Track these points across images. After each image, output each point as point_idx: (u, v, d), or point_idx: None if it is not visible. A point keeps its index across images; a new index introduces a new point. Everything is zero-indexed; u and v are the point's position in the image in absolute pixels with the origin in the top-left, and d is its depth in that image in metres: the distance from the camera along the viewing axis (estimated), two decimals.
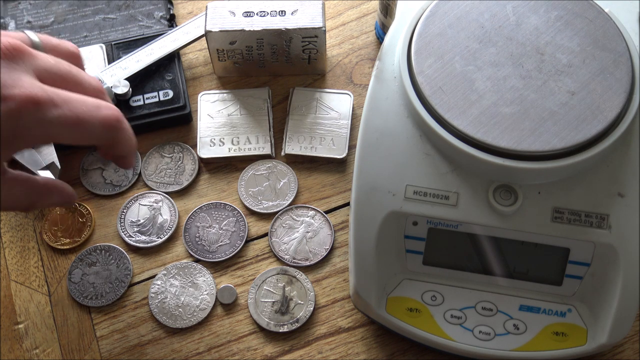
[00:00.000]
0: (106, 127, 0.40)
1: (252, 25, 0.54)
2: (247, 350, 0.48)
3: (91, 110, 0.39)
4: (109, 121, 0.40)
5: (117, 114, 0.40)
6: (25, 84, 0.36)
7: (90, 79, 0.41)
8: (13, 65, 0.37)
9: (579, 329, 0.44)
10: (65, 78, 0.40)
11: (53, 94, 0.37)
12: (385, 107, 0.44)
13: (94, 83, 0.41)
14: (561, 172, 0.41)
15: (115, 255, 0.51)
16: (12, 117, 0.36)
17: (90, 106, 0.39)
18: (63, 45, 0.44)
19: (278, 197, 0.53)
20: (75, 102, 0.38)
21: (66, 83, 0.40)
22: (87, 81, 0.41)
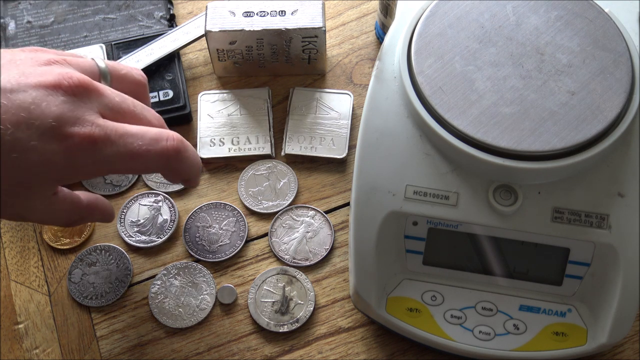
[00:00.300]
0: (164, 159, 0.41)
1: (252, 25, 0.54)
2: (247, 350, 0.48)
3: (148, 144, 0.40)
4: (167, 153, 0.40)
5: (176, 145, 0.41)
6: (85, 122, 0.37)
7: (152, 116, 0.42)
8: (78, 103, 0.38)
9: (579, 329, 0.44)
10: (127, 115, 0.41)
11: (111, 130, 0.38)
12: (385, 107, 0.44)
13: (153, 122, 0.42)
14: (561, 172, 0.41)
15: (115, 255, 0.51)
16: (70, 155, 0.37)
17: (148, 139, 0.40)
18: (130, 75, 0.45)
19: (278, 197, 0.53)
20: (132, 137, 0.39)
21: (128, 119, 0.40)
22: (149, 118, 0.42)
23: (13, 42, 0.59)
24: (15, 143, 0.36)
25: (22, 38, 0.59)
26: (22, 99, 0.36)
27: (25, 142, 0.36)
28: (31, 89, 0.37)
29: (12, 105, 0.36)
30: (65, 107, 0.37)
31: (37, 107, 0.36)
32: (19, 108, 0.36)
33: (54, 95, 0.37)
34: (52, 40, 0.59)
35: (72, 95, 0.38)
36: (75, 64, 0.41)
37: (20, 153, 0.36)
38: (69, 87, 0.38)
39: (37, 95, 0.37)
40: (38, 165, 0.37)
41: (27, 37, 0.59)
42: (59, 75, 0.38)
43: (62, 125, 0.37)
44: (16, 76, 0.37)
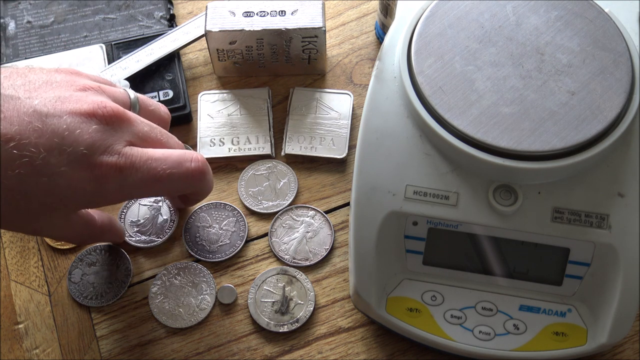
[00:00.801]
0: (188, 181, 0.42)
1: (252, 25, 0.54)
2: (247, 350, 0.48)
3: (172, 168, 0.41)
4: (191, 175, 0.42)
5: (200, 167, 0.42)
6: (113, 151, 0.39)
7: (177, 144, 0.44)
8: (110, 132, 0.39)
9: (579, 329, 0.44)
10: (155, 143, 0.42)
11: (136, 157, 0.40)
12: (385, 107, 0.44)
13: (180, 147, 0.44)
14: (561, 172, 0.41)
15: (115, 255, 0.51)
16: (97, 182, 0.39)
17: (172, 163, 0.41)
18: (157, 111, 0.47)
19: (278, 197, 0.53)
20: (156, 162, 0.40)
21: (154, 146, 0.42)
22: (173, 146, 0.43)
23: (13, 42, 0.59)
24: (45, 167, 0.37)
25: (22, 38, 0.59)
26: (57, 125, 0.37)
27: (56, 167, 0.37)
28: (66, 115, 0.38)
29: (46, 130, 0.37)
30: (97, 136, 0.38)
31: (70, 134, 0.37)
32: (52, 133, 0.37)
33: (88, 123, 0.38)
34: (52, 40, 0.59)
35: (104, 124, 0.39)
36: (110, 92, 0.42)
37: (50, 177, 0.37)
38: (103, 116, 0.39)
39: (72, 122, 0.38)
40: (65, 190, 0.38)
41: (27, 37, 0.59)
42: (93, 103, 0.39)
43: (92, 154, 0.38)
44: (53, 100, 0.38)
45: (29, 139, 0.36)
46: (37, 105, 0.38)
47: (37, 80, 0.40)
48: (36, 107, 0.37)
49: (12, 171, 0.36)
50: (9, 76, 0.39)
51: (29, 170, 0.36)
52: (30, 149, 0.36)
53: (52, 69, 0.41)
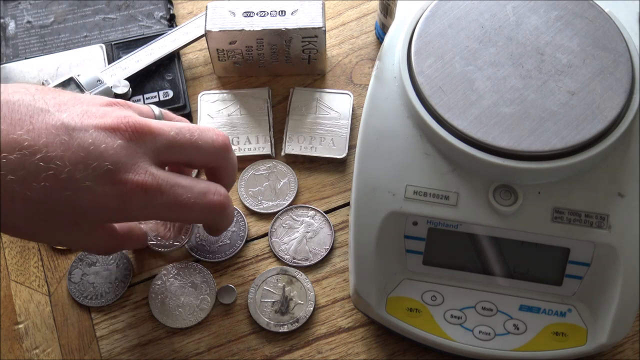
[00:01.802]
0: (209, 213, 0.42)
1: (252, 25, 0.54)
2: (247, 350, 0.48)
3: (197, 196, 0.41)
4: (212, 207, 0.42)
5: (222, 201, 0.43)
6: (140, 170, 0.39)
7: (210, 143, 0.43)
8: (135, 148, 0.39)
9: (579, 329, 0.44)
10: (185, 147, 0.42)
11: (162, 180, 0.40)
12: (385, 107, 0.44)
13: (215, 145, 0.43)
14: (561, 172, 0.41)
15: (115, 255, 0.51)
16: (122, 199, 0.39)
17: (197, 192, 0.41)
18: None
19: (278, 197, 0.53)
20: (182, 189, 0.41)
21: (186, 152, 0.42)
22: (206, 145, 0.43)
23: (13, 42, 0.59)
24: (70, 181, 0.37)
25: (22, 38, 0.59)
26: (83, 139, 0.37)
27: (80, 182, 0.37)
28: (92, 129, 0.38)
29: (72, 143, 0.37)
30: (122, 152, 0.38)
31: (96, 148, 0.38)
32: (78, 147, 0.37)
33: (112, 138, 0.38)
34: (52, 40, 0.59)
35: (128, 140, 0.39)
36: (135, 107, 0.42)
37: (74, 192, 0.37)
38: (127, 130, 0.39)
39: (97, 136, 0.38)
40: (89, 205, 0.38)
41: (27, 37, 0.59)
42: (117, 118, 0.39)
43: (117, 171, 0.38)
44: (80, 114, 0.39)
45: (55, 152, 0.37)
46: (64, 118, 0.38)
47: (66, 96, 0.40)
48: (64, 120, 0.38)
49: (37, 183, 0.36)
50: (41, 90, 0.40)
51: (53, 183, 0.37)
52: (56, 162, 0.37)
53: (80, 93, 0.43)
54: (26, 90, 0.39)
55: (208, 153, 0.43)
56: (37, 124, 0.37)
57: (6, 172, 0.36)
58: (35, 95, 0.39)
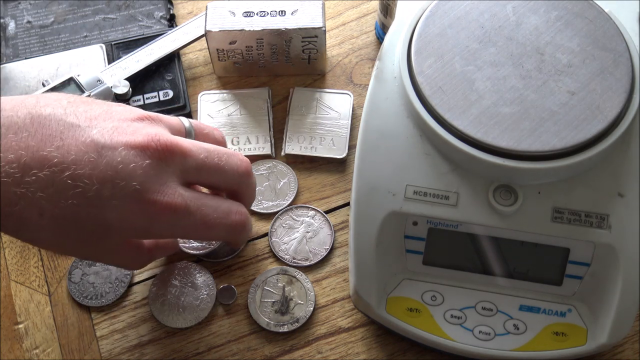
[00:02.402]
0: (230, 232, 0.43)
1: (252, 25, 0.54)
2: (247, 350, 0.48)
3: (220, 217, 0.42)
4: (234, 228, 0.43)
5: (243, 220, 0.43)
6: (168, 191, 0.39)
7: (235, 169, 0.43)
8: (164, 168, 0.39)
9: (579, 329, 0.44)
10: (212, 171, 0.42)
11: (191, 201, 0.40)
12: (385, 107, 0.44)
13: (239, 171, 0.44)
14: (561, 172, 0.41)
15: None
16: (149, 219, 0.39)
17: (221, 212, 0.42)
18: (212, 134, 0.47)
19: (278, 197, 0.53)
20: (208, 209, 0.41)
21: (211, 175, 0.42)
22: (231, 171, 0.43)
23: (13, 42, 0.59)
24: (97, 199, 0.37)
25: (22, 38, 0.59)
26: (112, 157, 0.37)
27: (107, 200, 0.37)
28: (122, 147, 0.38)
29: (101, 161, 0.37)
30: (150, 171, 0.38)
31: (124, 167, 0.37)
32: (107, 165, 0.37)
33: (141, 157, 0.38)
34: (52, 40, 0.59)
35: (158, 159, 0.39)
36: (166, 121, 0.42)
37: (101, 210, 0.37)
38: (157, 150, 0.39)
39: (126, 155, 0.38)
40: (115, 223, 0.38)
41: (27, 37, 0.59)
42: (148, 136, 0.39)
43: (145, 191, 0.38)
44: (110, 130, 0.38)
45: (83, 170, 0.37)
46: (94, 135, 0.38)
47: (98, 109, 0.40)
48: (94, 137, 0.38)
49: (65, 201, 0.37)
50: (73, 102, 0.40)
51: (81, 200, 0.37)
52: (84, 180, 0.37)
53: (113, 103, 0.42)
54: (58, 102, 0.39)
55: (231, 178, 0.43)
56: (67, 140, 0.37)
57: (35, 189, 0.36)
58: (67, 109, 0.38)
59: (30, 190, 0.36)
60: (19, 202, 0.36)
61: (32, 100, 0.38)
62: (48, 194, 0.36)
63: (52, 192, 0.36)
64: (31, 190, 0.36)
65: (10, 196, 0.36)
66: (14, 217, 0.36)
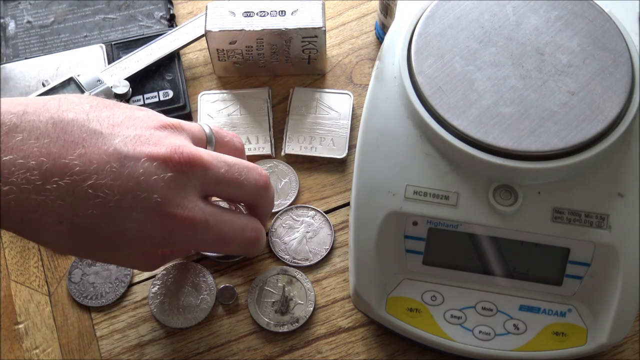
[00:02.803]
0: (245, 247, 0.43)
1: (252, 25, 0.54)
2: (247, 350, 0.48)
3: (237, 232, 0.42)
4: (249, 243, 0.43)
5: (258, 236, 0.44)
6: (188, 205, 0.39)
7: (254, 183, 0.43)
8: (185, 181, 0.39)
9: (579, 329, 0.44)
10: (231, 185, 0.42)
11: (210, 216, 0.40)
12: (385, 107, 0.44)
13: (258, 185, 0.43)
14: (561, 172, 0.41)
15: None
16: (167, 232, 0.39)
17: (238, 228, 0.42)
18: (232, 142, 0.47)
19: (279, 197, 0.53)
20: (225, 225, 0.41)
21: (230, 189, 0.42)
22: (250, 185, 0.43)
23: (13, 42, 0.59)
24: (117, 210, 0.37)
25: (22, 38, 0.59)
26: (133, 168, 0.37)
27: (127, 211, 0.37)
28: (144, 158, 0.38)
29: (123, 172, 0.37)
30: (172, 184, 0.38)
31: (146, 179, 0.37)
32: (128, 177, 0.37)
33: (164, 169, 0.38)
34: (52, 40, 0.59)
35: (179, 172, 0.38)
36: (188, 129, 0.42)
37: (120, 220, 0.37)
38: (179, 163, 0.38)
39: (148, 167, 0.37)
40: (133, 234, 0.38)
41: (27, 37, 0.59)
42: (171, 147, 0.39)
43: (166, 204, 0.38)
44: (133, 140, 0.38)
45: (105, 180, 0.36)
46: (117, 144, 0.37)
47: (121, 114, 0.40)
48: (116, 146, 0.37)
49: (84, 210, 0.36)
50: (95, 106, 0.39)
51: (101, 210, 0.37)
52: (105, 190, 0.36)
53: (135, 106, 0.42)
54: (81, 106, 0.38)
55: (250, 192, 0.43)
56: (89, 148, 0.37)
57: (55, 197, 0.36)
58: (89, 114, 0.38)
59: (50, 198, 0.36)
60: (38, 209, 0.36)
61: (54, 102, 0.38)
62: (68, 203, 0.36)
63: (72, 201, 0.36)
64: (51, 198, 0.36)
65: (30, 202, 0.36)
66: (33, 223, 0.36)
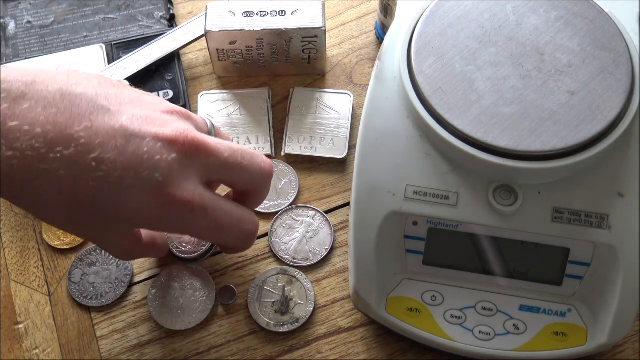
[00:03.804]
0: (240, 239, 0.43)
1: (252, 25, 0.54)
2: (247, 350, 0.48)
3: (234, 223, 0.42)
4: (245, 236, 0.43)
5: (253, 230, 0.44)
6: (189, 188, 0.38)
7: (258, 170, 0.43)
8: (188, 164, 0.39)
9: (579, 329, 0.44)
10: (235, 170, 0.41)
11: (208, 202, 0.40)
12: (385, 107, 0.44)
13: (263, 172, 0.43)
14: (561, 172, 0.41)
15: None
16: (164, 212, 0.38)
17: (236, 219, 0.42)
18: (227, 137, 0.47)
19: (280, 197, 0.53)
20: (224, 214, 0.41)
21: (234, 175, 0.42)
22: (254, 171, 0.42)
23: (13, 42, 0.59)
24: (117, 185, 0.37)
25: (22, 38, 0.59)
26: (138, 146, 0.37)
27: (127, 187, 0.37)
28: (150, 137, 0.38)
29: (127, 149, 0.37)
30: (174, 165, 0.38)
31: (150, 158, 0.37)
32: (133, 154, 0.37)
33: (168, 150, 0.38)
34: (52, 40, 0.59)
35: (183, 155, 0.38)
36: (193, 119, 0.42)
37: (119, 195, 0.37)
38: (184, 145, 0.38)
39: (153, 146, 0.37)
40: (131, 211, 0.38)
41: (27, 37, 0.59)
42: (177, 130, 0.39)
43: (167, 184, 0.38)
44: (140, 119, 0.38)
45: (109, 155, 0.36)
46: (124, 121, 0.37)
47: (129, 94, 0.40)
48: (123, 123, 0.37)
49: (85, 182, 0.36)
50: (104, 83, 0.39)
51: (102, 184, 0.37)
52: (108, 165, 0.36)
53: (142, 90, 0.42)
54: (89, 82, 0.39)
55: (253, 178, 0.43)
56: (95, 122, 0.37)
57: (58, 167, 0.36)
58: (98, 90, 0.38)
59: (53, 167, 0.36)
60: (40, 177, 0.36)
61: (62, 76, 0.38)
62: (70, 173, 0.36)
63: (75, 172, 0.36)
64: (54, 167, 0.36)
65: (33, 170, 0.35)
66: (33, 191, 0.36)
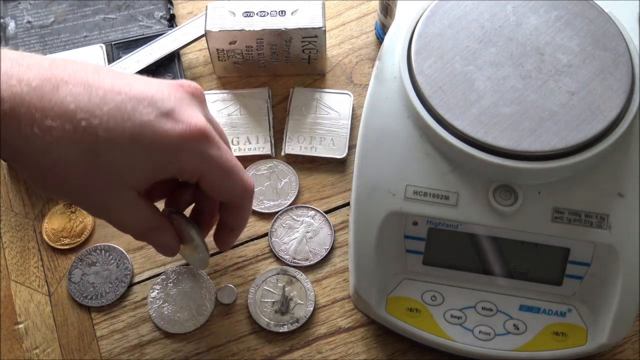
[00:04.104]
0: (244, 191, 0.43)
1: (252, 25, 0.54)
2: (247, 350, 0.48)
3: (239, 168, 0.42)
4: (248, 186, 0.43)
5: (252, 185, 0.44)
6: (199, 116, 0.40)
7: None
8: (194, 101, 0.41)
9: (579, 329, 0.44)
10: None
11: (217, 138, 0.41)
12: (385, 107, 0.44)
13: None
14: (561, 172, 0.41)
15: (115, 255, 0.51)
16: (181, 138, 0.39)
17: (239, 165, 0.42)
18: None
19: (279, 197, 0.53)
20: (230, 154, 0.42)
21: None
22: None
23: (13, 42, 0.59)
24: (134, 113, 0.38)
25: (22, 38, 0.59)
26: (148, 82, 0.40)
27: (144, 115, 0.38)
28: (155, 82, 0.40)
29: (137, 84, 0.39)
30: (185, 99, 0.41)
31: (160, 93, 0.39)
32: (144, 88, 0.39)
33: (175, 89, 0.41)
34: (52, 40, 0.59)
35: (190, 94, 0.41)
36: None
37: (137, 125, 0.38)
38: (189, 88, 0.42)
39: (161, 85, 0.40)
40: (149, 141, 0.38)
41: (27, 37, 0.59)
42: (182, 83, 0.42)
43: (180, 112, 0.39)
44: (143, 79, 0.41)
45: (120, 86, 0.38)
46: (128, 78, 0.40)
47: None
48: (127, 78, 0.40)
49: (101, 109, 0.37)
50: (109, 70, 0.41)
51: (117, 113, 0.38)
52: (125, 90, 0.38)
53: None
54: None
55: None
56: (102, 73, 0.39)
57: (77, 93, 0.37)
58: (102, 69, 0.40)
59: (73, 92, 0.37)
60: None
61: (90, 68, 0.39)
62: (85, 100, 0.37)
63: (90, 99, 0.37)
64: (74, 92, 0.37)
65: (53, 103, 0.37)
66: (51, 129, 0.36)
